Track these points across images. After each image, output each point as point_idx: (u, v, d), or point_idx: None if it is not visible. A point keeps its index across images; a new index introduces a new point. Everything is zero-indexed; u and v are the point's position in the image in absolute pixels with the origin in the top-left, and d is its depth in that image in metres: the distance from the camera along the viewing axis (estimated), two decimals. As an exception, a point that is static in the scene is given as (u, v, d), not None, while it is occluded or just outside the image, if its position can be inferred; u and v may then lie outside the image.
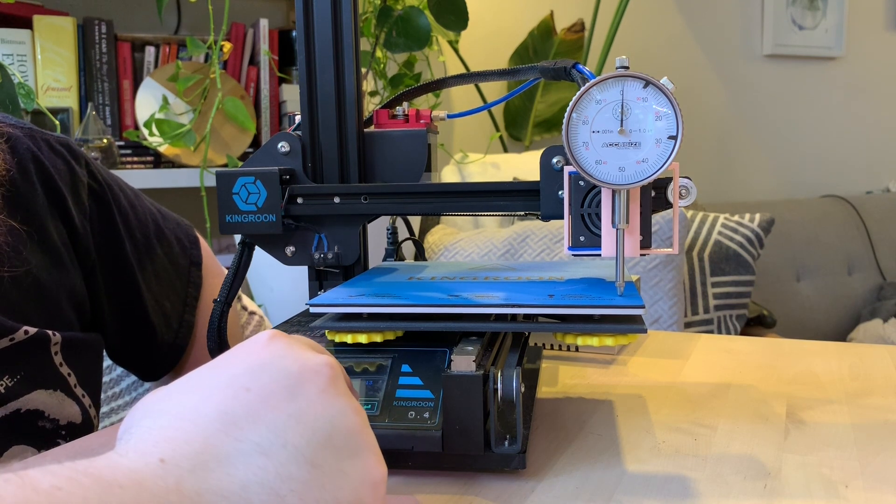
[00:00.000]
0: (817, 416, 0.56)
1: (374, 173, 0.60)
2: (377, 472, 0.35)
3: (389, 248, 0.72)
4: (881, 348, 0.75)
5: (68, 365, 0.61)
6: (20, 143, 0.63)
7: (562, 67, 0.55)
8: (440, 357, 0.49)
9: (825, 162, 2.91)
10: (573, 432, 0.54)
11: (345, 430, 0.34)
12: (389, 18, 1.47)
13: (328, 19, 0.58)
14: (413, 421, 0.46)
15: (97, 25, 1.59)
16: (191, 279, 0.76)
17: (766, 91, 2.78)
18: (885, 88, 2.97)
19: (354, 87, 0.59)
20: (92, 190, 0.68)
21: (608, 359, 0.74)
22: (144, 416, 0.33)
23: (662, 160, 0.47)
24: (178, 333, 0.74)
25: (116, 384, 0.93)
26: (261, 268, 1.40)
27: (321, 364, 0.35)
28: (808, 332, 2.36)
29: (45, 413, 0.59)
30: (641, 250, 0.50)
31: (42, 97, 1.54)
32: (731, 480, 0.45)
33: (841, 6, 2.83)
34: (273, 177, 0.57)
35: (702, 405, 0.59)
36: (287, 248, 0.60)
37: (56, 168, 0.65)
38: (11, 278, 0.58)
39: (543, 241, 1.61)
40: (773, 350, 0.75)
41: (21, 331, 0.57)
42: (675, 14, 2.59)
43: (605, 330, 0.47)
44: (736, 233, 1.81)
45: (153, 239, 0.73)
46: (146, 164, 1.61)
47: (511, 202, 0.55)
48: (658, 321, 1.58)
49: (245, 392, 0.33)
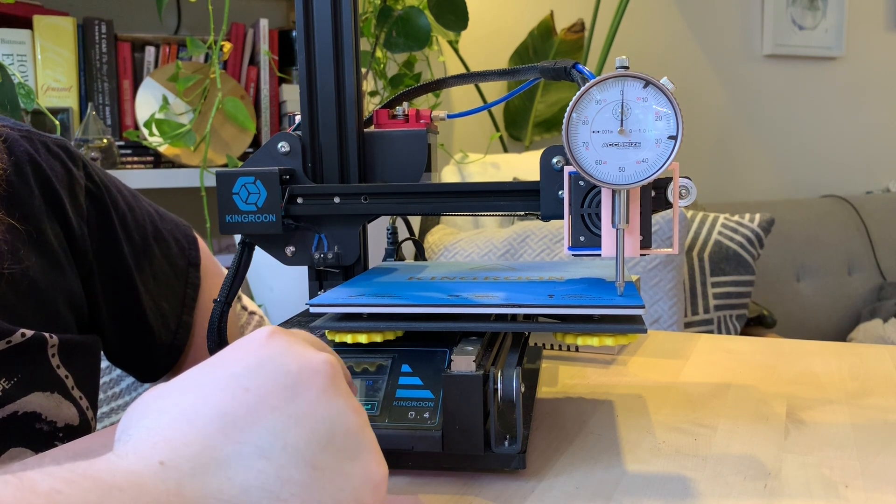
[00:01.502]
0: (817, 416, 0.56)
1: (374, 173, 0.60)
2: (378, 473, 0.35)
3: (389, 248, 0.72)
4: (881, 348, 0.75)
5: (66, 367, 0.61)
6: (17, 146, 0.63)
7: (562, 67, 0.55)
8: (440, 357, 0.49)
9: (825, 162, 2.91)
10: (573, 432, 0.54)
11: (345, 431, 0.34)
12: (389, 18, 1.47)
13: (328, 19, 0.58)
14: (413, 421, 0.46)
15: (97, 25, 1.59)
16: (189, 280, 0.76)
17: (766, 91, 2.78)
18: (885, 88, 2.97)
19: (354, 87, 0.59)
20: (89, 192, 0.68)
21: (608, 359, 0.74)
22: (143, 416, 0.33)
23: (662, 160, 0.47)
24: (177, 334, 0.74)
25: (116, 384, 0.93)
26: (261, 268, 1.40)
27: (321, 362, 0.35)
28: (808, 332, 2.36)
29: (42, 415, 0.59)
30: (641, 250, 0.50)
31: (42, 97, 1.54)
32: (731, 480, 0.45)
33: (841, 6, 2.83)
34: (273, 177, 0.57)
35: (702, 405, 0.59)
36: (287, 248, 0.60)
37: (53, 170, 0.64)
38: (9, 281, 0.58)
39: (543, 241, 1.61)
40: (773, 350, 0.75)
41: (18, 333, 0.57)
42: (675, 14, 2.59)
43: (605, 330, 0.47)
44: (736, 233, 1.81)
45: (151, 240, 0.73)
46: (146, 164, 1.61)
47: (511, 202, 0.55)
48: (658, 321, 1.58)
49: (244, 392, 0.33)
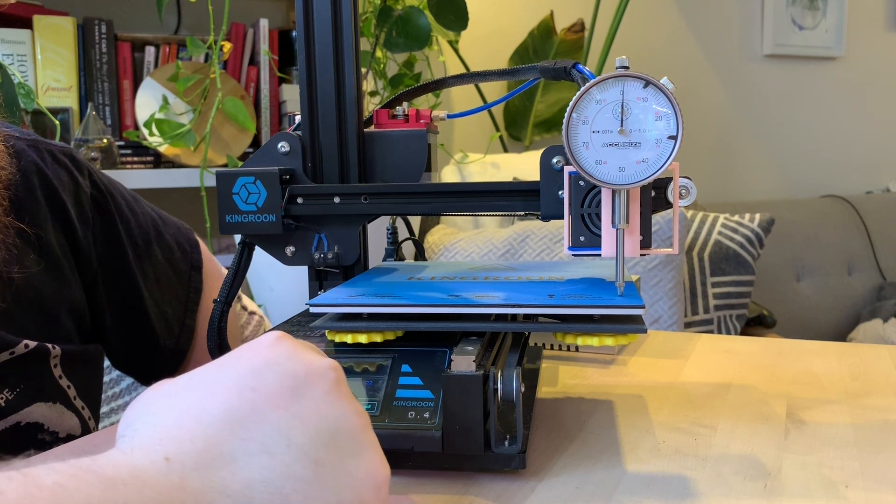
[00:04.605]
0: (817, 416, 0.56)
1: (374, 173, 0.60)
2: (380, 473, 0.35)
3: (389, 248, 0.72)
4: (881, 348, 0.75)
5: (68, 377, 0.62)
6: (24, 155, 0.63)
7: (562, 67, 0.55)
8: (440, 357, 0.49)
9: (825, 162, 2.91)
10: (573, 432, 0.54)
11: (348, 431, 0.34)
12: (389, 18, 1.47)
13: (328, 19, 0.58)
14: (413, 421, 0.46)
15: (97, 25, 1.59)
16: (191, 283, 0.76)
17: (766, 91, 2.78)
18: (885, 88, 2.97)
19: (354, 87, 0.59)
20: (95, 200, 0.68)
21: (608, 359, 0.74)
22: (147, 413, 0.33)
23: (662, 160, 0.47)
24: (180, 338, 0.74)
25: (116, 384, 0.93)
26: (261, 268, 1.40)
27: (326, 367, 0.36)
28: (808, 332, 2.36)
29: (44, 426, 0.59)
30: (641, 250, 0.50)
31: (42, 97, 1.54)
32: (731, 480, 0.45)
33: (841, 6, 2.83)
34: (273, 177, 0.57)
35: (702, 405, 0.59)
36: (287, 248, 0.60)
37: (59, 179, 0.65)
38: (14, 290, 0.59)
39: (543, 241, 1.61)
40: (773, 350, 0.75)
41: (21, 344, 0.57)
42: (675, 14, 2.59)
43: (605, 330, 0.47)
44: (736, 233, 1.81)
45: (154, 245, 0.73)
46: (146, 164, 1.61)
47: (511, 202, 0.55)
48: (658, 321, 1.58)
49: (251, 391, 0.33)
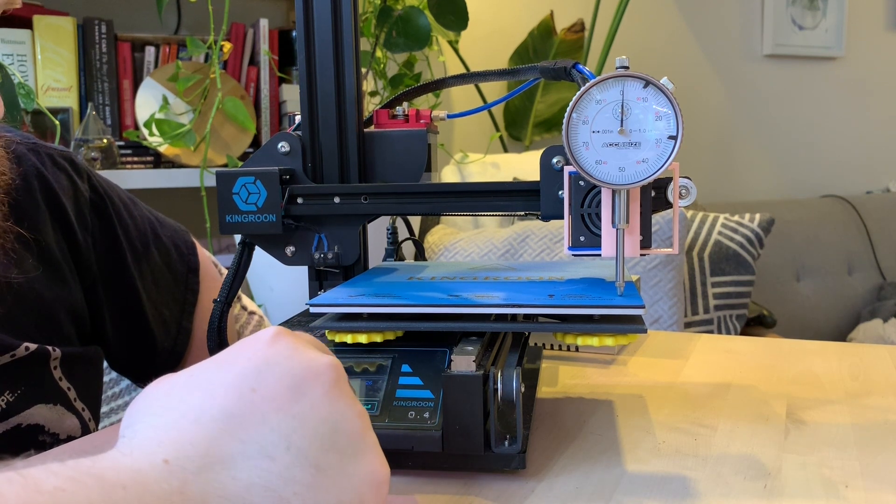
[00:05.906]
0: (817, 416, 0.56)
1: (374, 173, 0.60)
2: (380, 473, 0.35)
3: (389, 248, 0.72)
4: (881, 348, 0.75)
5: (68, 379, 0.62)
6: (25, 159, 0.63)
7: (562, 67, 0.55)
8: (440, 357, 0.49)
9: (825, 162, 2.91)
10: (573, 432, 0.54)
11: (348, 432, 0.34)
12: (389, 18, 1.47)
13: (328, 19, 0.58)
14: (413, 421, 0.46)
15: (97, 25, 1.59)
16: (188, 286, 0.77)
17: (766, 91, 2.78)
18: (885, 88, 2.97)
19: (354, 87, 0.59)
20: (94, 204, 0.68)
21: (608, 359, 0.74)
22: (147, 413, 0.33)
23: (662, 160, 0.47)
24: (177, 340, 0.75)
25: (116, 384, 0.93)
26: (261, 268, 1.40)
27: (326, 366, 0.35)
28: (808, 332, 2.36)
29: (45, 427, 0.59)
30: (641, 250, 0.50)
31: (42, 97, 1.54)
32: (731, 480, 0.45)
33: (841, 6, 2.83)
34: (273, 177, 0.57)
35: (702, 405, 0.59)
36: (287, 248, 0.60)
37: (59, 183, 0.65)
38: (14, 293, 0.59)
39: (543, 241, 1.61)
40: (773, 350, 0.75)
41: (22, 347, 0.58)
42: (675, 14, 2.59)
43: (605, 330, 0.47)
44: (736, 233, 1.81)
45: (152, 248, 0.73)
46: (146, 164, 1.61)
47: (511, 202, 0.55)
48: (658, 321, 1.58)
49: (251, 392, 0.33)
